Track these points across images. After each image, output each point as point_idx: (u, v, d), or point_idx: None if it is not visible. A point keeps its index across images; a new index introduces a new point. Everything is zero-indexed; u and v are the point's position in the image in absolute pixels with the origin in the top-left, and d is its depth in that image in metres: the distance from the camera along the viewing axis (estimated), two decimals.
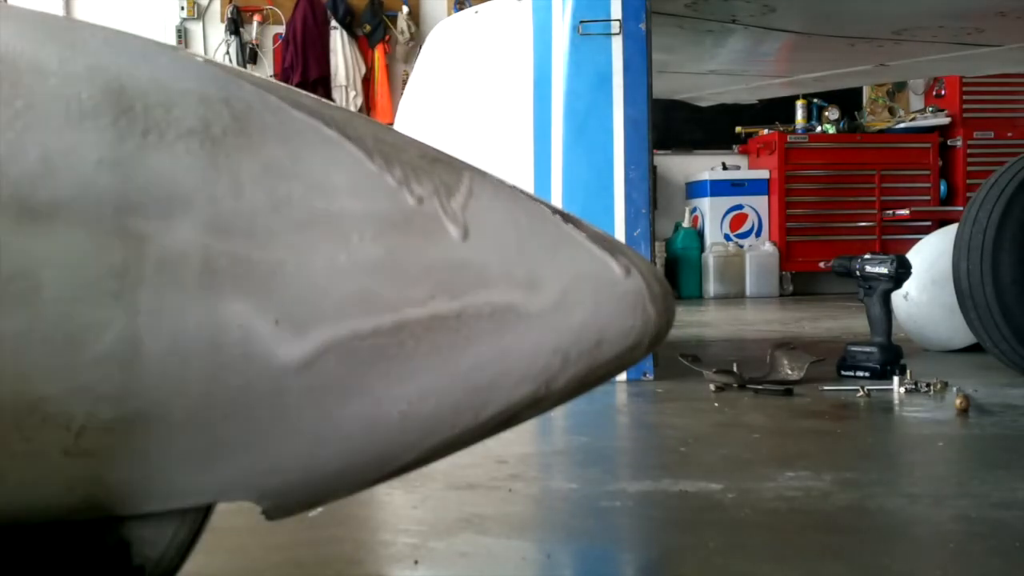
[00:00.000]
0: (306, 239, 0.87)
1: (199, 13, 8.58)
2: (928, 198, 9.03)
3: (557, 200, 3.40)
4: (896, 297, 3.88)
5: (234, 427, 0.87)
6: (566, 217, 0.95)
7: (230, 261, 0.85)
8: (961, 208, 7.68)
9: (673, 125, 8.60)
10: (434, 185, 0.91)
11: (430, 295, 0.87)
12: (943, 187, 9.17)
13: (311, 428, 0.90)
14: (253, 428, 0.88)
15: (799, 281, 8.84)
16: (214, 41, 8.56)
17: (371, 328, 0.87)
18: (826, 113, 9.07)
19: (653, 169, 3.48)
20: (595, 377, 0.95)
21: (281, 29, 8.57)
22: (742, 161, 9.28)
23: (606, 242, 0.95)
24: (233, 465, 0.89)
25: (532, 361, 0.91)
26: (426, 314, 0.87)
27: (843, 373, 3.35)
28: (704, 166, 9.11)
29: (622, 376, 3.28)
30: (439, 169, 0.92)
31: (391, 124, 5.00)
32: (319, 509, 0.93)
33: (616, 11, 3.39)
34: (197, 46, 8.50)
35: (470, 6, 4.20)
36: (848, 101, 9.17)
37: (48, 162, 0.81)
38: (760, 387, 3.12)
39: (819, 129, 9.07)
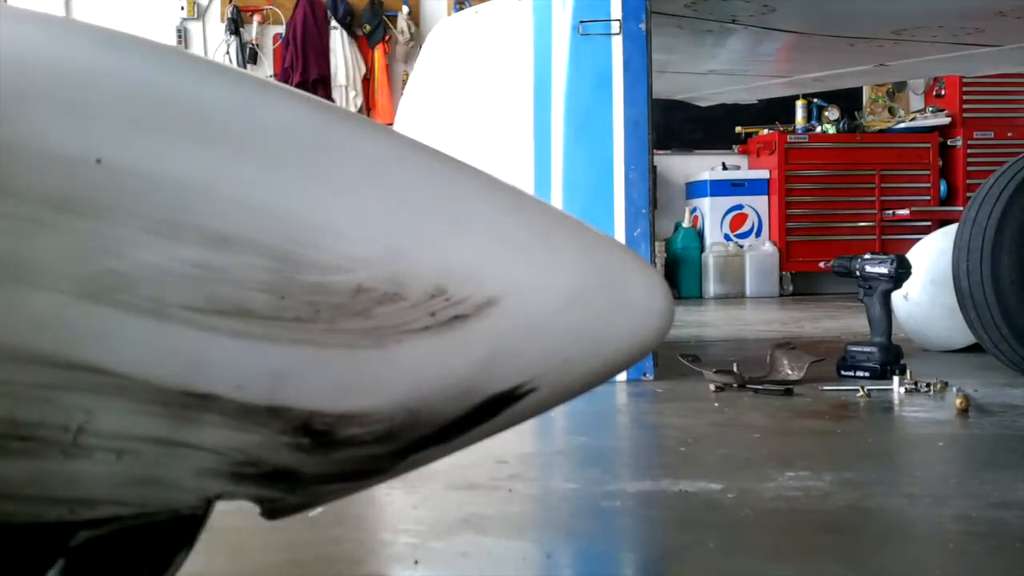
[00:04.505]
0: None
1: (199, 13, 8.58)
2: (928, 198, 9.03)
3: (557, 200, 3.40)
4: (896, 297, 3.88)
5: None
6: (565, 218, 0.95)
7: None
8: (961, 208, 7.68)
9: (673, 125, 8.61)
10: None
11: (428, 295, 0.87)
12: (943, 187, 9.17)
13: None
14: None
15: (799, 281, 8.84)
16: (214, 41, 8.56)
17: (370, 328, 0.87)
18: (826, 113, 9.07)
19: (653, 169, 3.48)
20: (595, 377, 0.95)
21: (281, 29, 8.57)
22: (742, 161, 9.28)
23: (605, 243, 0.95)
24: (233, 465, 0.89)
25: (531, 361, 0.91)
26: (424, 314, 0.87)
27: (843, 373, 3.35)
28: (704, 166, 9.11)
29: (622, 376, 3.28)
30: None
31: (391, 124, 5.00)
32: (319, 509, 0.93)
33: (616, 11, 3.39)
34: (197, 46, 8.50)
35: (470, 6, 4.20)
36: (848, 101, 9.17)
37: (45, 161, 0.81)
38: (760, 387, 3.12)
39: (819, 129, 9.06)
